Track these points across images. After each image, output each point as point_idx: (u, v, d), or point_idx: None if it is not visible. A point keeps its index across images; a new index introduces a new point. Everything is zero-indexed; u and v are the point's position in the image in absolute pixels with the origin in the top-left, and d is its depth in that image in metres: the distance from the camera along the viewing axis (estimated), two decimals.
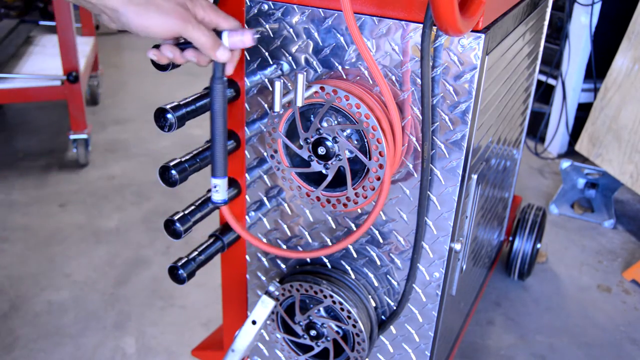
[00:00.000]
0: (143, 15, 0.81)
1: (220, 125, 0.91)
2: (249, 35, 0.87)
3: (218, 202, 0.96)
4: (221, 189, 0.95)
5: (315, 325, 1.16)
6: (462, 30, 0.80)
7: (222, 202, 0.96)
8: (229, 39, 0.87)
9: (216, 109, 0.90)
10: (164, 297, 1.93)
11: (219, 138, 0.92)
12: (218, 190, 0.95)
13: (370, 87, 0.99)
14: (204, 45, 0.85)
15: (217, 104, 0.90)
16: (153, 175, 2.68)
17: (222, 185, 0.95)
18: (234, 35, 0.87)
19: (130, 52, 4.40)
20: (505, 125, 1.38)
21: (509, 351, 1.78)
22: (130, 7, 0.80)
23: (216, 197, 0.96)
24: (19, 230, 2.26)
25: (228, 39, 0.87)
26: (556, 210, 2.51)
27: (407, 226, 1.07)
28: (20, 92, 2.64)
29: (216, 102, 0.90)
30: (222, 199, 0.96)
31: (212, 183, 0.94)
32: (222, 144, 0.92)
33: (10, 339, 1.74)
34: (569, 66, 2.86)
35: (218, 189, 0.95)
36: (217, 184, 0.94)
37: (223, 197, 0.96)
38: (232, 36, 0.87)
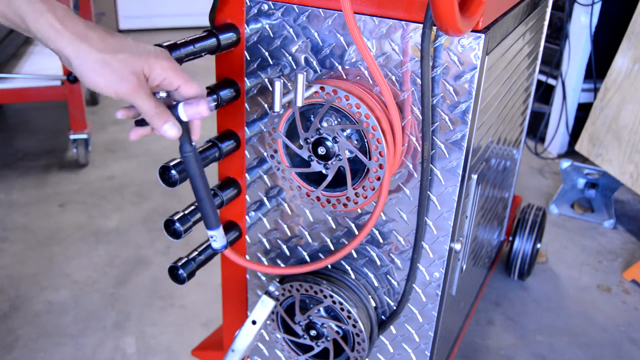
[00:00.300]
0: (97, 72, 0.79)
1: (201, 186, 0.93)
2: (204, 105, 0.85)
3: (219, 250, 1.01)
4: (218, 238, 0.99)
5: (315, 325, 1.16)
6: (462, 30, 0.80)
7: (222, 248, 1.01)
8: (185, 111, 0.85)
9: (193, 175, 0.92)
10: (164, 297, 1.93)
11: (204, 196, 0.94)
12: (216, 239, 0.99)
13: (370, 87, 0.99)
14: (151, 119, 0.83)
15: (192, 171, 0.92)
16: (153, 175, 2.68)
17: (219, 234, 0.99)
18: (190, 107, 0.85)
19: None
20: (505, 125, 1.38)
21: (509, 351, 1.78)
22: (86, 63, 0.78)
23: (215, 245, 1.00)
24: (19, 230, 2.26)
25: (184, 110, 0.85)
26: (556, 210, 2.51)
27: (407, 226, 1.07)
28: (20, 92, 2.64)
29: (191, 169, 0.92)
30: (221, 246, 1.00)
31: (209, 234, 0.98)
32: (208, 201, 0.95)
33: (10, 339, 1.74)
34: (569, 66, 2.86)
35: (215, 238, 0.99)
36: (213, 235, 0.98)
37: (222, 244, 1.00)
38: (187, 108, 0.85)
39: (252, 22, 1.06)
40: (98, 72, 0.79)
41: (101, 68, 0.79)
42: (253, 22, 1.05)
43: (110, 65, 0.79)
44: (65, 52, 0.78)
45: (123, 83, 0.80)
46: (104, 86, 0.80)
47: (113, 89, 0.80)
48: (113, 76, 0.80)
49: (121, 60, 0.80)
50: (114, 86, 0.80)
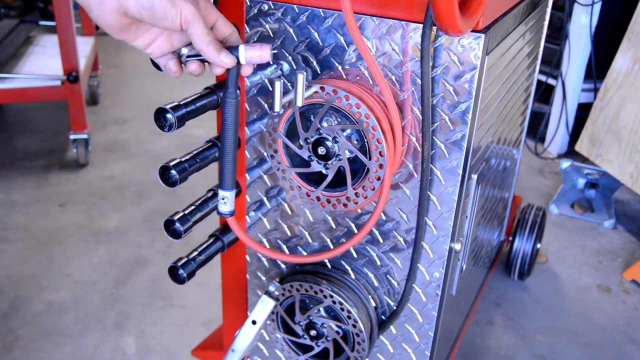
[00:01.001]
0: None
1: (231, 139, 0.90)
2: (267, 50, 0.82)
3: (225, 214, 0.96)
4: (229, 201, 0.94)
5: (315, 325, 1.16)
6: (462, 30, 0.80)
7: (229, 214, 0.96)
8: (246, 52, 0.82)
9: (228, 124, 0.89)
10: (164, 297, 1.93)
11: (229, 151, 0.91)
12: (226, 202, 0.95)
13: (370, 87, 0.99)
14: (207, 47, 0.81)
15: (229, 119, 0.88)
16: (153, 175, 2.68)
17: (230, 197, 0.94)
18: (252, 50, 0.82)
19: (130, 52, 4.40)
20: (505, 125, 1.38)
21: (509, 351, 1.78)
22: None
23: (223, 208, 0.95)
24: (19, 230, 2.26)
25: (245, 53, 0.82)
26: (556, 210, 2.51)
27: (407, 226, 1.07)
28: (20, 92, 2.64)
29: (228, 117, 0.88)
30: (229, 211, 0.95)
31: (220, 195, 0.94)
32: (232, 158, 0.92)
33: (10, 339, 1.74)
34: (569, 66, 2.86)
35: (226, 201, 0.94)
36: (225, 196, 0.94)
37: (230, 209, 0.95)
38: (249, 50, 0.82)
39: (252, 22, 1.06)
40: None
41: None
42: (253, 22, 1.05)
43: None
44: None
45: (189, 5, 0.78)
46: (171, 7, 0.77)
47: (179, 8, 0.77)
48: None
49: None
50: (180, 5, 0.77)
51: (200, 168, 1.04)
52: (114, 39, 4.04)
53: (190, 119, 0.98)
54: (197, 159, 1.03)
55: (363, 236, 1.04)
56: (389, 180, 0.97)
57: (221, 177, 0.93)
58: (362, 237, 1.04)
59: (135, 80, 3.86)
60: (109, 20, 0.78)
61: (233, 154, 0.91)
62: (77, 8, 3.01)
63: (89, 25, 3.43)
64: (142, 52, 0.86)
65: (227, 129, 0.89)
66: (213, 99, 1.05)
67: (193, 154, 1.04)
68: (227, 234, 1.21)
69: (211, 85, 1.08)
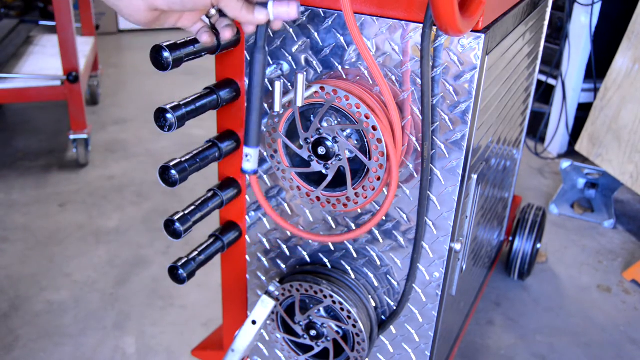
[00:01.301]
0: None
1: (257, 95, 0.89)
2: (294, 5, 0.83)
3: (249, 171, 0.94)
4: (253, 159, 0.93)
5: (315, 325, 1.16)
6: (462, 30, 0.80)
7: (252, 172, 0.94)
8: (274, 9, 0.84)
9: (255, 80, 0.88)
10: (164, 297, 1.93)
11: (255, 107, 0.90)
12: (250, 159, 0.93)
13: (370, 87, 0.99)
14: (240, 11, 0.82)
15: (256, 74, 0.88)
16: (153, 175, 2.68)
17: (254, 154, 0.93)
18: (280, 5, 0.84)
19: (130, 52, 4.40)
20: (505, 125, 1.38)
21: (509, 351, 1.78)
22: None
23: (247, 166, 0.94)
24: (19, 230, 2.26)
25: (273, 9, 0.84)
26: (556, 210, 2.51)
27: (407, 226, 1.07)
28: (20, 92, 2.64)
29: (256, 72, 0.88)
30: (252, 169, 0.94)
31: (245, 152, 0.93)
32: (257, 114, 0.90)
33: (10, 339, 1.74)
34: (569, 66, 2.86)
35: (250, 158, 0.93)
36: (249, 153, 0.93)
37: (254, 167, 0.94)
38: (277, 6, 0.84)
39: None
40: None
41: None
42: None
43: None
44: None
45: None
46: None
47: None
48: None
49: None
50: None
51: (200, 168, 1.04)
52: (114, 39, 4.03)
53: (190, 119, 0.98)
54: (197, 159, 1.03)
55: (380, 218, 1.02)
56: (397, 173, 0.97)
57: (246, 134, 0.92)
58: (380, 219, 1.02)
59: (135, 80, 3.86)
60: (140, 19, 0.80)
61: (259, 110, 0.90)
62: (77, 8, 3.01)
63: (89, 25, 3.43)
64: (143, 51, 0.86)
65: (254, 85, 0.89)
66: (213, 98, 1.05)
67: (193, 154, 1.04)
68: (227, 234, 1.21)
69: (211, 85, 1.08)
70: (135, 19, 0.80)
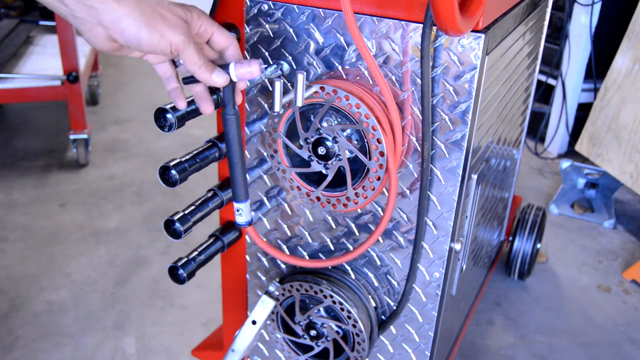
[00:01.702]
0: (151, 26, 0.76)
1: (237, 152, 0.91)
2: (256, 66, 0.84)
3: (242, 225, 0.97)
4: (244, 212, 0.96)
5: (315, 325, 1.16)
6: (462, 30, 0.80)
7: (246, 224, 0.97)
8: (236, 69, 0.84)
9: (232, 139, 0.90)
10: (164, 297, 1.93)
11: (237, 164, 0.92)
12: (241, 213, 0.96)
13: (370, 87, 0.99)
14: (199, 69, 0.82)
15: (231, 134, 0.90)
16: (153, 175, 2.68)
17: (245, 208, 0.96)
18: (241, 67, 0.84)
19: None
20: (505, 125, 1.38)
21: (509, 351, 1.78)
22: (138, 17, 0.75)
23: (240, 220, 0.97)
24: (19, 230, 2.26)
25: (235, 70, 0.84)
26: (556, 210, 2.51)
27: (407, 226, 1.07)
28: (20, 92, 2.64)
29: (231, 132, 0.90)
30: (246, 221, 0.97)
31: (235, 207, 0.96)
32: (241, 170, 0.93)
33: (10, 339, 1.74)
34: (569, 66, 2.86)
35: (241, 212, 0.96)
36: (240, 208, 0.95)
37: (247, 219, 0.97)
38: (239, 67, 0.84)
39: (252, 22, 1.06)
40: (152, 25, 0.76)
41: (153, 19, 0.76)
42: (253, 22, 1.05)
43: (161, 14, 0.77)
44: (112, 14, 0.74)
45: (177, 31, 0.78)
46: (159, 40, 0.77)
47: (169, 39, 0.78)
48: (167, 26, 0.77)
49: (169, 9, 0.78)
50: (169, 36, 0.78)
51: (200, 168, 1.04)
52: None
53: (190, 119, 0.98)
54: (197, 159, 1.03)
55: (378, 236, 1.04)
56: (395, 181, 0.97)
57: (233, 190, 0.95)
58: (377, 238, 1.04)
59: (135, 80, 3.86)
60: (101, 45, 0.79)
61: (241, 167, 0.93)
62: None
63: None
64: None
65: (232, 144, 0.91)
66: (213, 98, 1.05)
67: (193, 154, 1.04)
68: (227, 234, 1.21)
69: None
70: (97, 46, 0.79)
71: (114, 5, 0.74)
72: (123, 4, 0.74)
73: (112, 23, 0.75)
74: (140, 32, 0.76)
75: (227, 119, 0.89)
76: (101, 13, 0.74)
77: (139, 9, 0.75)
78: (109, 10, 0.74)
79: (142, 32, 0.76)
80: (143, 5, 0.76)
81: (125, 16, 0.75)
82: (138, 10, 0.75)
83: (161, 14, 0.78)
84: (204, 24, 0.84)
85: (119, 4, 0.74)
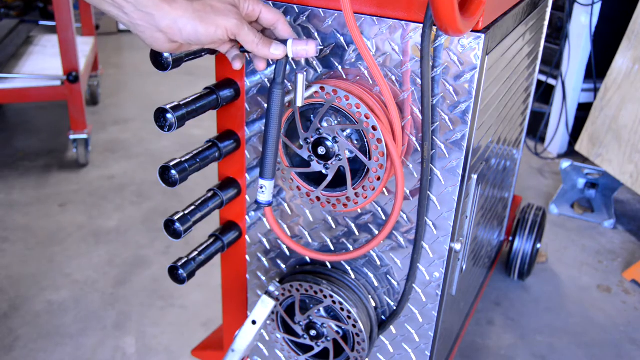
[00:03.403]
0: (205, 20, 0.80)
1: (274, 129, 0.92)
2: (313, 45, 0.87)
3: (263, 203, 0.97)
4: (267, 190, 0.96)
5: (315, 325, 1.16)
6: (462, 30, 0.80)
7: (267, 203, 0.97)
8: (293, 47, 0.87)
9: (272, 113, 0.91)
10: (164, 297, 1.93)
11: (272, 142, 0.92)
12: (264, 191, 0.96)
13: (370, 87, 0.99)
14: (257, 46, 0.86)
15: (273, 109, 0.91)
16: (153, 175, 2.68)
17: (269, 186, 0.95)
18: (299, 44, 0.87)
19: (130, 52, 4.40)
20: (505, 125, 1.38)
21: (509, 351, 1.78)
22: (192, 15, 0.80)
23: (262, 197, 0.96)
24: (19, 230, 2.26)
25: (292, 47, 0.87)
26: (556, 210, 2.51)
27: (408, 226, 1.07)
28: (20, 92, 2.64)
29: (273, 107, 0.91)
30: (267, 200, 0.96)
31: (260, 184, 0.96)
32: (273, 148, 0.93)
33: (10, 339, 1.74)
34: (569, 66, 2.86)
35: (264, 190, 0.96)
36: (264, 185, 0.95)
37: (268, 199, 0.96)
38: (296, 45, 0.87)
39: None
40: (206, 19, 0.81)
41: (206, 13, 0.81)
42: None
43: (211, 6, 0.81)
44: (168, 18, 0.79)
45: (230, 17, 0.82)
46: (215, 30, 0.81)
47: (223, 26, 0.82)
48: (220, 15, 0.82)
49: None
50: (223, 24, 0.82)
51: (200, 168, 1.04)
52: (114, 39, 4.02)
53: (190, 119, 0.98)
54: (197, 159, 1.03)
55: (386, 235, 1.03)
56: (402, 175, 0.96)
57: (261, 166, 0.94)
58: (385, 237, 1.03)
59: (135, 80, 3.86)
60: (163, 48, 0.84)
61: (276, 144, 0.93)
62: (77, 8, 3.01)
63: (89, 25, 3.43)
64: (143, 51, 0.87)
65: (272, 119, 0.91)
66: (213, 98, 1.05)
67: (193, 154, 1.04)
68: (227, 234, 1.21)
69: (211, 85, 1.08)
70: (159, 48, 0.84)
71: (168, 9, 0.79)
72: (176, 6, 0.79)
73: (169, 27, 0.80)
74: (198, 29, 0.81)
75: (273, 92, 0.90)
76: (158, 19, 0.79)
77: (191, 7, 0.80)
78: (165, 15, 0.79)
79: (199, 29, 0.81)
80: (194, 3, 0.81)
81: (180, 18, 0.79)
82: (190, 9, 0.80)
83: (211, 6, 0.82)
84: (252, 3, 0.87)
85: (171, 6, 0.79)
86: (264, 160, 0.93)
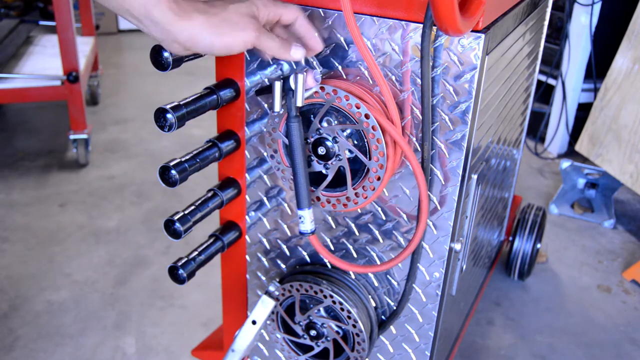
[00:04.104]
0: (222, 34, 0.81)
1: (300, 160, 0.94)
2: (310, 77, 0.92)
3: (306, 233, 0.99)
4: (306, 220, 0.98)
5: (315, 325, 1.16)
6: (462, 30, 0.80)
7: (309, 233, 0.99)
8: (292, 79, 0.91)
9: (295, 146, 0.94)
10: (164, 297, 1.93)
11: (301, 172, 0.95)
12: (303, 221, 0.98)
13: (370, 87, 0.99)
14: (278, 52, 0.87)
15: (295, 141, 0.94)
16: (153, 175, 2.68)
17: (307, 216, 0.98)
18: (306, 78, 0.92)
19: (130, 52, 4.40)
20: (505, 125, 1.38)
21: (509, 351, 1.78)
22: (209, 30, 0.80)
23: (303, 228, 0.99)
24: (19, 230, 2.26)
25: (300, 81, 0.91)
26: (556, 210, 2.51)
27: (407, 226, 1.07)
28: (20, 92, 2.64)
29: (294, 139, 0.94)
30: (310, 229, 0.99)
31: (298, 214, 0.98)
32: (303, 178, 0.96)
33: (10, 339, 1.74)
34: (569, 66, 2.86)
35: (303, 220, 0.98)
36: (302, 215, 0.98)
37: (311, 228, 0.99)
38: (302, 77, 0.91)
39: None
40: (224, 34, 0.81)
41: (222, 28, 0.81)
42: None
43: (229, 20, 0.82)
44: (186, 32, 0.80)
45: (247, 31, 0.83)
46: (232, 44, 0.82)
47: (240, 42, 0.83)
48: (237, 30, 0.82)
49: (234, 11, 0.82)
50: (242, 39, 0.82)
51: (200, 168, 1.04)
52: (114, 39, 4.03)
53: (190, 119, 0.98)
54: (197, 159, 1.03)
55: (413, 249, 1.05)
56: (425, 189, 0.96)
57: (297, 198, 0.97)
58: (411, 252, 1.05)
59: (135, 80, 3.86)
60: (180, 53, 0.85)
61: (304, 174, 0.96)
62: (77, 8, 3.01)
63: (89, 25, 3.43)
64: (143, 51, 0.88)
65: (296, 151, 0.94)
66: (213, 98, 1.05)
67: (193, 154, 1.04)
68: (227, 234, 1.21)
69: (211, 85, 1.08)
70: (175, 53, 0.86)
71: (186, 24, 0.79)
72: (194, 22, 0.79)
73: (186, 41, 0.80)
74: (214, 43, 0.81)
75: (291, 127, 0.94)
76: (175, 34, 0.79)
77: (208, 22, 0.80)
78: (182, 30, 0.79)
79: (216, 42, 0.81)
80: (211, 17, 0.81)
81: (197, 33, 0.80)
82: (207, 23, 0.80)
83: (228, 20, 0.82)
84: (270, 10, 0.88)
85: (190, 22, 0.79)
86: (297, 192, 0.96)
